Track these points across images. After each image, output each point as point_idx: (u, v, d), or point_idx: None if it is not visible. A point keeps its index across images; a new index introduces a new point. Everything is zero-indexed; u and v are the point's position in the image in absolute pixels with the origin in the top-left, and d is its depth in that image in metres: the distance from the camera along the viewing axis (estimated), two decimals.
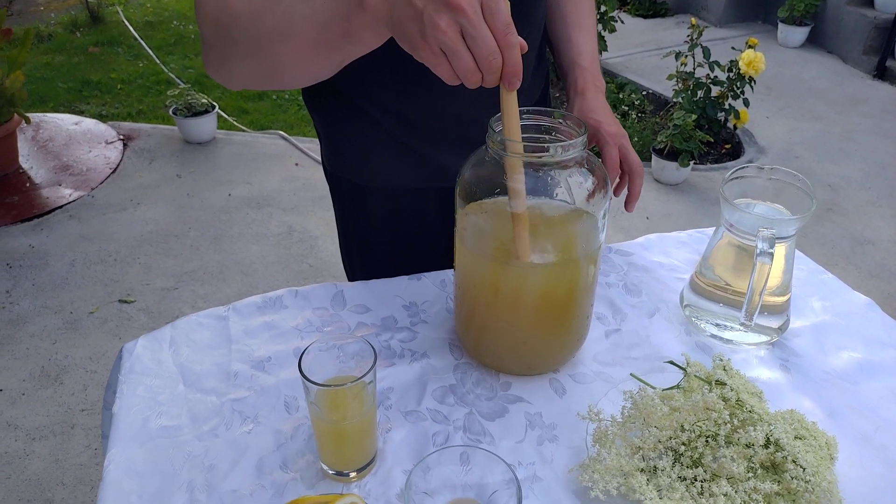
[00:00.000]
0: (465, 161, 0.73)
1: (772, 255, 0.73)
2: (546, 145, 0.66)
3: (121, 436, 0.72)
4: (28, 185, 3.02)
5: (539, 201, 0.70)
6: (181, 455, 0.70)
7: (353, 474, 0.67)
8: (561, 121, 0.72)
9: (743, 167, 0.82)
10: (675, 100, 3.23)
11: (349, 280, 1.12)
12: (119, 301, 2.34)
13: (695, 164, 3.05)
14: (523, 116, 0.71)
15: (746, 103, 3.12)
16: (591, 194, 0.70)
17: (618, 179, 0.95)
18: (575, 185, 0.70)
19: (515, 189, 0.67)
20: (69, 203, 2.90)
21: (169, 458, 0.70)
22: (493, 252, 0.73)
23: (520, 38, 0.59)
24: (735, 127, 3.28)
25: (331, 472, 0.67)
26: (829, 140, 3.47)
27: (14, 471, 1.75)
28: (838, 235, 2.72)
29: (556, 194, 0.70)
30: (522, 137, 0.68)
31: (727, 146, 3.42)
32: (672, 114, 3.08)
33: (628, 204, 0.95)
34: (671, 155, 3.02)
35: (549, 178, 0.69)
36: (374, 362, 0.63)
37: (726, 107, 3.12)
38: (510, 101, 0.64)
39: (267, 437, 0.72)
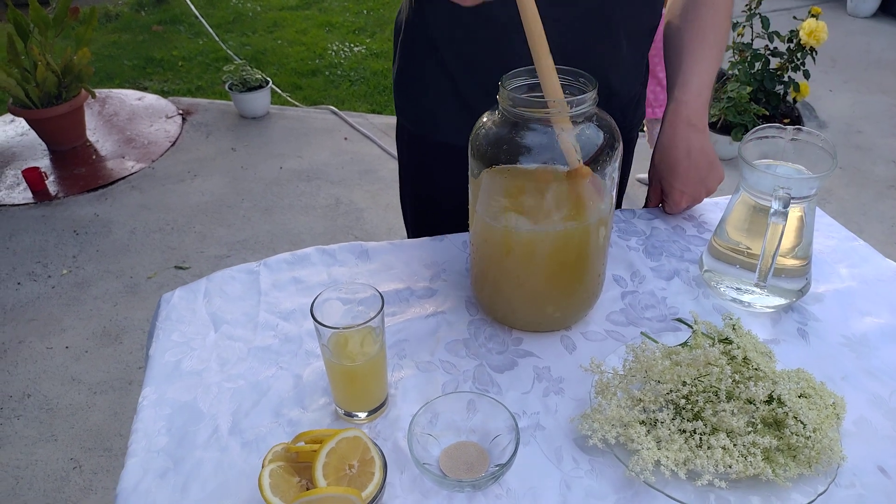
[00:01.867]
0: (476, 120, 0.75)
1: (785, 214, 0.72)
2: (553, 100, 0.68)
3: (154, 375, 0.78)
4: (94, 157, 3.18)
5: (547, 162, 0.71)
6: (208, 395, 0.75)
7: (363, 416, 0.71)
8: (572, 77, 0.73)
9: (764, 127, 0.81)
10: (730, 72, 3.12)
11: (406, 229, 1.19)
12: (175, 267, 2.46)
13: None
14: (536, 73, 0.72)
15: (807, 75, 2.99)
16: (601, 150, 0.71)
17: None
18: (585, 142, 0.70)
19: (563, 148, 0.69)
20: (131, 174, 3.04)
21: (197, 397, 0.75)
22: (503, 216, 0.74)
23: None
24: (795, 100, 3.16)
25: (343, 413, 0.71)
26: None
27: (77, 421, 1.88)
28: None
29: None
30: (532, 96, 0.69)
31: (786, 120, 3.30)
32: (727, 86, 2.99)
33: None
34: (725, 129, 2.94)
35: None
36: (381, 308, 0.66)
37: (786, 79, 3.01)
38: (543, 59, 0.66)
39: (287, 381, 0.76)
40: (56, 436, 1.84)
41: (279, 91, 3.76)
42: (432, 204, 1.12)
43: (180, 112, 3.54)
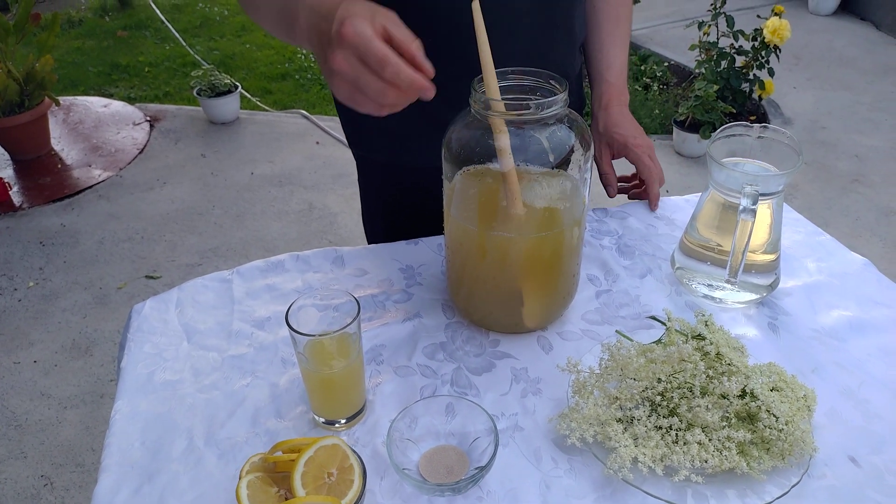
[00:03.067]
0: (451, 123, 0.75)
1: (754, 211, 0.73)
2: (526, 102, 0.68)
3: (127, 388, 0.76)
4: (59, 166, 3.12)
5: (520, 163, 0.72)
6: (182, 406, 0.74)
7: (342, 423, 0.70)
8: (542, 80, 0.73)
9: (732, 125, 0.82)
10: (697, 71, 3.17)
11: (368, 241, 1.17)
12: (146, 277, 2.42)
13: None
14: (508, 76, 0.73)
15: (771, 73, 3.05)
16: (573, 151, 0.71)
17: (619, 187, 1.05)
18: (557, 143, 0.71)
19: (500, 148, 0.68)
20: (98, 183, 2.98)
21: (171, 408, 0.74)
22: (477, 218, 0.74)
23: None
24: (760, 98, 3.21)
25: (321, 421, 0.70)
26: (858, 110, 3.38)
27: (48, 437, 1.84)
28: (864, 207, 2.67)
29: (539, 152, 0.71)
30: (502, 98, 0.69)
31: (752, 118, 3.36)
32: (694, 84, 3.03)
33: (652, 204, 1.04)
34: (693, 127, 2.98)
35: (530, 136, 0.70)
36: (358, 314, 0.65)
37: (751, 77, 3.06)
38: (486, 58, 0.65)
39: (263, 390, 0.75)
40: (25, 452, 1.80)
41: (249, 96, 3.72)
42: (405, 216, 1.10)
43: (148, 119, 3.49)
